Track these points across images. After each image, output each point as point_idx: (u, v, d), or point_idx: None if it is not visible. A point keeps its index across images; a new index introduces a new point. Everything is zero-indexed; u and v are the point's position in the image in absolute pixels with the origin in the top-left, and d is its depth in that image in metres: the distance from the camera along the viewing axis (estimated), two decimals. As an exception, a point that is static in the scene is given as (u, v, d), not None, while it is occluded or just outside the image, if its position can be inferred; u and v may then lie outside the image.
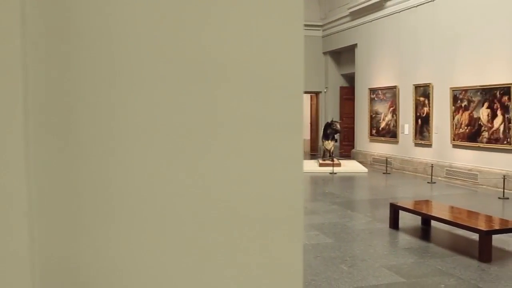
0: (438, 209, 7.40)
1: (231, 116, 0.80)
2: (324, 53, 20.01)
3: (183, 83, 0.77)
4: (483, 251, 5.92)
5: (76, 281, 0.75)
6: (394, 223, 7.55)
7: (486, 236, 5.92)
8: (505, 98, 11.02)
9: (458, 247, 6.65)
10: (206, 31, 0.78)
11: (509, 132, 10.98)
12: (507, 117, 11.01)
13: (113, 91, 0.74)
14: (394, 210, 7.58)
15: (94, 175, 0.74)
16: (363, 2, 16.33)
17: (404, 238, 7.06)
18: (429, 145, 13.70)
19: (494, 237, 6.31)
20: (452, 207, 7.66)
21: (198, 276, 0.80)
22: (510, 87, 10.83)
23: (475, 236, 6.28)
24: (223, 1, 0.78)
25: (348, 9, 17.36)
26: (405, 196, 10.60)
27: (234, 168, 0.81)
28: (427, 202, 8.07)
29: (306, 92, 20.52)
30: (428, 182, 12.43)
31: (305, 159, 18.05)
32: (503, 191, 10.30)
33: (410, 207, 7.56)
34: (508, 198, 10.05)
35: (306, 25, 19.65)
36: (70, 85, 0.73)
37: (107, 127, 0.74)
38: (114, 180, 0.75)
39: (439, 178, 12.82)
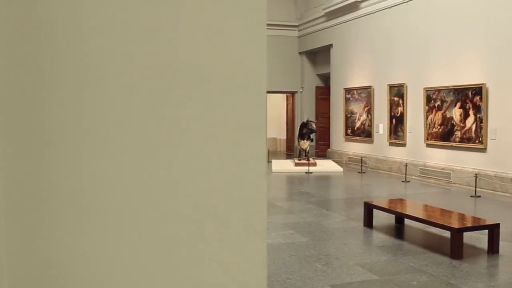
0: (411, 208, 7.50)
1: (196, 116, 0.81)
2: (300, 53, 20.10)
3: (150, 85, 0.78)
4: (455, 248, 6.02)
5: (45, 276, 0.76)
6: (368, 222, 7.62)
7: (457, 233, 6.02)
8: (477, 98, 11.20)
9: (431, 244, 6.74)
10: (172, 34, 0.79)
11: (480, 132, 11.16)
12: (479, 116, 11.19)
13: (84, 92, 0.75)
14: (368, 209, 7.66)
15: (64, 173, 0.75)
16: (338, 3, 16.45)
17: (378, 236, 7.14)
18: (403, 145, 13.86)
19: (466, 234, 6.42)
20: (425, 206, 7.77)
21: (165, 270, 0.81)
22: (481, 87, 11.02)
23: (447, 234, 6.38)
24: (182, 4, 0.79)
25: (324, 9, 17.46)
26: (380, 195, 10.71)
27: (200, 166, 0.82)
28: (400, 200, 8.17)
29: (282, 92, 20.60)
30: (402, 181, 12.57)
31: (281, 158, 18.13)
32: (475, 190, 10.47)
33: (384, 205, 7.65)
34: (480, 196, 10.22)
35: (282, 25, 19.76)
36: (38, 86, 0.74)
37: (77, 127, 0.75)
38: (85, 179, 0.76)
39: (413, 177, 12.98)
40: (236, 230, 0.87)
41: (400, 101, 13.91)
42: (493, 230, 6.24)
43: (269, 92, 19.88)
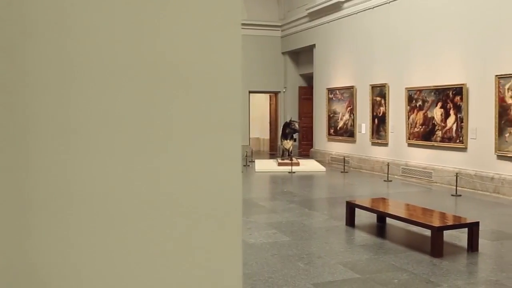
0: (393, 207, 7.57)
1: (170, 116, 0.83)
2: (283, 53, 20.15)
3: (127, 86, 0.79)
4: (435, 246, 6.09)
5: (27, 276, 0.77)
6: (350, 221, 7.68)
7: (437, 232, 6.09)
8: (458, 98, 11.32)
9: (412, 243, 6.81)
10: (148, 35, 0.80)
11: (461, 131, 11.29)
12: (460, 116, 11.32)
13: (65, 91, 0.76)
14: (350, 208, 7.72)
15: (42, 172, 0.76)
16: (321, 3, 16.52)
17: (359, 235, 7.20)
18: (386, 144, 13.97)
19: (446, 233, 6.49)
20: (406, 205, 7.85)
21: (140, 268, 0.82)
22: (462, 87, 11.14)
23: (428, 232, 6.44)
24: (157, 6, 0.81)
25: (307, 9, 17.53)
26: (362, 194, 10.78)
27: (175, 165, 0.84)
28: (382, 200, 8.24)
29: (265, 92, 20.64)
30: (384, 180, 12.66)
31: (264, 158, 18.16)
32: (456, 189, 10.58)
33: (366, 205, 7.71)
34: (460, 195, 10.33)
35: (265, 26, 19.80)
36: (21, 86, 0.75)
37: (56, 125, 0.76)
38: (62, 177, 0.77)
39: (395, 176, 13.08)
40: (211, 229, 0.88)
41: (382, 101, 14.02)
42: (473, 229, 6.32)
43: (252, 92, 19.94)
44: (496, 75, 10.18)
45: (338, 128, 16.41)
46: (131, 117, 0.80)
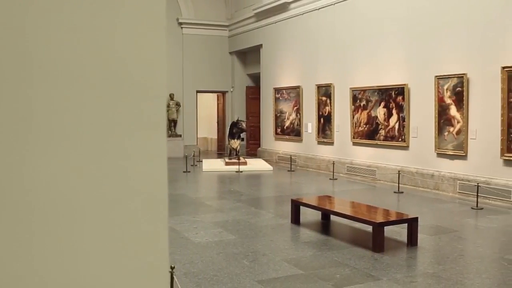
0: (336, 204, 7.72)
1: (98, 116, 0.85)
2: (231, 53, 20.19)
3: (54, 86, 0.81)
4: (376, 242, 6.26)
5: None
6: (295, 219, 7.79)
7: (378, 228, 6.27)
8: (400, 98, 11.64)
9: (355, 239, 6.98)
10: (70, 34, 0.82)
11: (403, 130, 11.61)
12: (402, 116, 11.64)
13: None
14: (295, 206, 7.83)
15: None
16: (268, 4, 16.63)
17: (304, 233, 7.31)
18: (331, 143, 14.20)
19: (388, 228, 6.69)
20: (349, 202, 8.02)
21: (65, 262, 0.84)
22: (403, 87, 11.46)
23: (370, 229, 6.61)
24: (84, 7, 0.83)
25: (253, 10, 17.61)
26: (308, 192, 10.94)
27: (103, 163, 0.86)
28: (326, 197, 8.39)
29: (212, 92, 20.61)
30: (330, 179, 12.87)
31: (212, 158, 18.14)
32: (398, 186, 10.88)
33: (310, 203, 7.84)
34: (402, 192, 10.63)
35: (212, 25, 19.78)
36: None
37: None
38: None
39: (341, 175, 13.32)
40: (138, 224, 0.91)
41: (328, 101, 14.25)
42: (412, 224, 6.53)
43: (199, 91, 19.90)
44: (436, 76, 10.53)
45: (285, 127, 16.57)
46: (60, 116, 0.81)
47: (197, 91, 19.93)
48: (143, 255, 0.91)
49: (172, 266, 4.32)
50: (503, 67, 9.07)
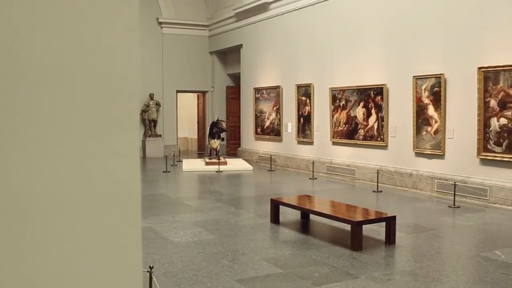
0: (315, 203, 7.77)
1: (70, 116, 0.85)
2: (211, 52, 20.17)
3: (25, 85, 0.82)
4: (355, 240, 6.31)
5: None
6: (275, 218, 7.82)
7: (357, 226, 6.32)
8: (379, 98, 11.74)
9: (334, 238, 7.03)
10: (45, 36, 0.83)
11: (382, 130, 11.71)
12: (380, 115, 11.74)
13: None
14: (275, 205, 7.86)
15: None
16: (248, 4, 16.65)
17: (283, 232, 7.34)
18: (311, 143, 14.27)
19: (366, 227, 6.75)
20: (328, 201, 8.08)
21: (37, 263, 0.84)
22: (382, 87, 11.56)
23: (349, 227, 6.66)
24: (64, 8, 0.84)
25: (234, 10, 17.62)
26: (288, 191, 10.98)
27: (75, 162, 0.86)
28: (306, 197, 8.44)
29: (192, 92, 20.58)
30: (310, 178, 12.93)
31: (192, 158, 18.10)
32: (377, 185, 10.97)
33: (289, 202, 7.88)
34: (381, 191, 10.72)
35: (192, 25, 19.73)
36: None
37: None
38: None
39: (320, 174, 13.39)
40: (111, 223, 0.91)
41: (308, 101, 14.31)
42: (390, 223, 6.60)
43: (179, 91, 19.85)
44: (414, 76, 10.64)
45: (265, 127, 16.61)
46: (30, 116, 0.82)
47: (177, 91, 19.88)
48: (115, 254, 0.92)
49: (151, 266, 4.32)
50: (480, 68, 9.20)
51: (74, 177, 0.86)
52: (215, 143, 15.80)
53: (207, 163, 15.20)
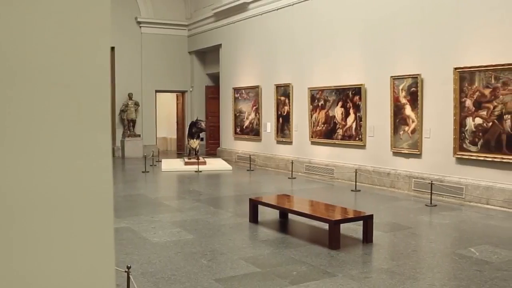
0: (294, 203, 7.81)
1: (41, 117, 0.86)
2: (190, 52, 20.11)
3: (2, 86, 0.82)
4: (333, 239, 6.36)
5: None
6: (253, 218, 7.84)
7: (334, 225, 6.37)
8: (357, 98, 11.83)
9: (312, 237, 7.07)
10: (18, 37, 0.84)
11: (360, 130, 11.80)
12: (359, 115, 11.83)
13: None
14: (253, 205, 7.88)
15: None
16: (227, 4, 16.65)
17: (262, 231, 7.37)
18: (290, 143, 14.32)
19: (344, 226, 6.80)
20: (307, 200, 8.12)
21: (13, 260, 0.85)
22: (360, 87, 11.65)
23: (327, 226, 6.71)
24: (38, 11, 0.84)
25: (213, 9, 17.60)
26: (267, 191, 11.01)
27: (46, 164, 0.87)
28: (284, 196, 8.47)
29: (172, 91, 20.51)
30: (289, 178, 12.98)
31: (171, 158, 18.05)
32: (355, 184, 11.06)
33: (268, 201, 7.91)
34: (359, 190, 10.80)
35: (171, 25, 19.66)
36: None
37: None
38: None
39: (299, 174, 13.45)
40: (83, 221, 0.92)
41: (287, 101, 14.36)
42: (367, 221, 6.66)
43: (158, 91, 19.77)
44: (391, 76, 10.74)
45: (244, 127, 16.62)
46: (1, 117, 0.83)
47: (156, 91, 19.80)
48: (88, 253, 0.92)
49: (128, 266, 4.31)
50: (455, 68, 9.33)
51: (45, 176, 0.87)
52: (194, 143, 15.78)
53: (186, 163, 15.17)
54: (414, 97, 10.32)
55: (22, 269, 0.86)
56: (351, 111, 12.07)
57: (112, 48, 18.64)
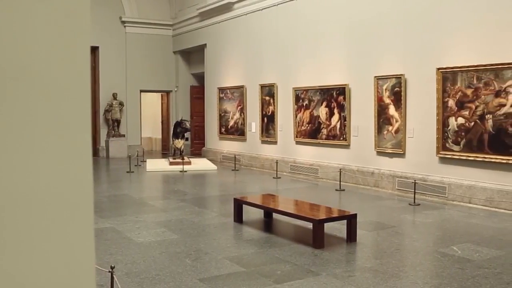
0: (279, 202, 7.84)
1: (21, 117, 0.87)
2: (175, 52, 20.08)
3: None
4: (316, 238, 6.40)
5: None
6: (238, 217, 7.85)
7: (318, 224, 6.41)
8: (341, 97, 11.89)
9: (296, 236, 7.11)
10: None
11: (344, 129, 11.87)
12: (343, 115, 11.89)
13: None
14: (238, 205, 7.90)
15: None
16: (212, 3, 16.64)
17: (247, 231, 7.39)
18: (275, 142, 14.35)
19: (328, 225, 6.84)
20: (291, 200, 8.15)
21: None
22: (344, 87, 11.71)
23: (311, 225, 6.74)
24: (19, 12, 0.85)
25: (198, 9, 17.59)
26: (252, 191, 11.03)
27: (26, 164, 0.88)
28: (269, 196, 8.50)
29: (156, 91, 20.45)
30: (274, 177, 13.01)
31: (156, 158, 18.00)
32: (340, 184, 11.11)
33: (252, 201, 7.93)
34: (344, 190, 10.86)
35: (156, 24, 19.62)
36: None
37: None
38: None
39: (284, 173, 13.49)
40: (63, 222, 0.93)
41: (271, 101, 14.39)
42: (351, 220, 6.71)
43: (143, 91, 19.71)
44: (375, 76, 10.82)
45: (229, 127, 16.63)
46: None
47: (141, 91, 19.73)
48: (67, 254, 0.93)
49: (112, 266, 4.30)
50: (438, 69, 9.42)
51: (25, 177, 0.87)
52: (179, 143, 15.76)
53: (171, 163, 15.14)
54: (398, 97, 10.40)
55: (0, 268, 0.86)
56: (336, 111, 12.13)
57: (96, 48, 18.56)
